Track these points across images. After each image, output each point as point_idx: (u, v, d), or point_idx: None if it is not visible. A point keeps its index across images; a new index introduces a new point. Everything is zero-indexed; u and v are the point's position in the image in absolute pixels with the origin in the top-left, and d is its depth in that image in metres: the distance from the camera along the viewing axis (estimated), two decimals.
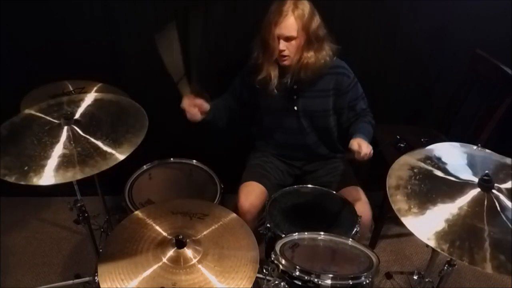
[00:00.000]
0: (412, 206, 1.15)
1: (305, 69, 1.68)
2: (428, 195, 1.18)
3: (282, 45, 1.63)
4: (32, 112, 1.44)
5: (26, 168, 1.21)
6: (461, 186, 1.19)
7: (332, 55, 1.71)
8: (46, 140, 1.31)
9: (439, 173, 1.25)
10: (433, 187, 1.20)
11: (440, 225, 1.10)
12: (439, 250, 1.05)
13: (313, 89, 1.76)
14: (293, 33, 1.61)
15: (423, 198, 1.17)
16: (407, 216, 1.13)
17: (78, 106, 1.46)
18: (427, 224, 1.11)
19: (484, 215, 1.12)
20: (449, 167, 1.27)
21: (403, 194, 1.18)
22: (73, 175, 1.20)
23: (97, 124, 1.38)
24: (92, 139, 1.32)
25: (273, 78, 1.70)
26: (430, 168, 1.27)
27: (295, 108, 1.80)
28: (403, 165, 1.29)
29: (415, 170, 1.26)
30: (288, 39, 1.62)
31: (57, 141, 1.31)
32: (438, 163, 1.29)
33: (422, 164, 1.29)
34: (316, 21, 1.64)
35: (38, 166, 1.22)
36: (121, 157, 1.26)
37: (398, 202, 1.16)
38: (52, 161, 1.24)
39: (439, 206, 1.15)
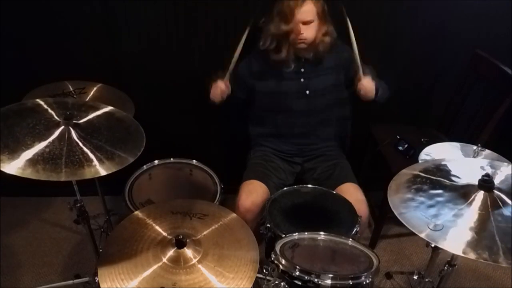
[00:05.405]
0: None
1: (323, 48, 1.76)
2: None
3: (303, 29, 1.69)
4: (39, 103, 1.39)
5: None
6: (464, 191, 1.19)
7: (334, 29, 1.79)
8: (39, 130, 1.26)
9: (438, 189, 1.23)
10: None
11: (468, 233, 1.08)
12: (482, 260, 1.01)
13: (319, 68, 1.84)
14: (312, 17, 1.69)
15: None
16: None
17: (87, 113, 1.41)
18: (455, 237, 1.08)
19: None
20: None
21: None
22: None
23: (96, 132, 1.33)
24: (85, 145, 1.26)
25: (290, 60, 1.80)
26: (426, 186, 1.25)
27: (307, 92, 1.85)
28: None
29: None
30: (306, 23, 1.69)
31: (48, 137, 1.25)
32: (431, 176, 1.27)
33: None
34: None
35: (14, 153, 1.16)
36: (103, 172, 1.21)
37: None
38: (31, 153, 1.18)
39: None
